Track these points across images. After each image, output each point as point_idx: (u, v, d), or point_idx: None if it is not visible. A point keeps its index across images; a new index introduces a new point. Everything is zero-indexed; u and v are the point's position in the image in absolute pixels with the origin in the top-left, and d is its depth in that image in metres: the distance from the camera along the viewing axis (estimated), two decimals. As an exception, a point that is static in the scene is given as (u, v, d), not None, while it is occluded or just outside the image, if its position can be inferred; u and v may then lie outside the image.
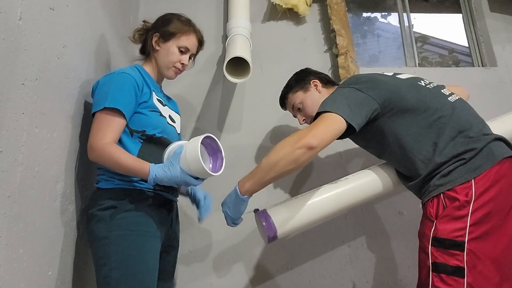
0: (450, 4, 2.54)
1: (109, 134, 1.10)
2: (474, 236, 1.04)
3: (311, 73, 1.54)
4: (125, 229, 1.10)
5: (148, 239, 1.13)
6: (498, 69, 2.19)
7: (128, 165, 1.08)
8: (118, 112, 1.13)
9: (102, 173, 1.17)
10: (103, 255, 1.08)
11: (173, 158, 1.07)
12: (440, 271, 1.05)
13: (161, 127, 1.24)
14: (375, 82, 1.24)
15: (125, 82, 1.16)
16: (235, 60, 1.65)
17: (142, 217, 1.13)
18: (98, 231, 1.11)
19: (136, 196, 1.15)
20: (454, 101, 1.24)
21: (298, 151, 1.11)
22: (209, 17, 2.15)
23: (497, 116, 1.47)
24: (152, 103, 1.23)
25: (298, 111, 1.53)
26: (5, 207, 0.84)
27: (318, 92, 1.48)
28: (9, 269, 0.85)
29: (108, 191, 1.14)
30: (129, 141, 1.17)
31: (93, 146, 1.10)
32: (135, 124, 1.18)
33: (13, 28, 0.87)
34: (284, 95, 1.57)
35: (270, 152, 1.16)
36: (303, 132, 1.15)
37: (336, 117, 1.15)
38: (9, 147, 0.85)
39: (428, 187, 1.16)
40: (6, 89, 0.84)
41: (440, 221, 1.09)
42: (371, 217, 1.89)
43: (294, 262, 1.82)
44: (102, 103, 1.12)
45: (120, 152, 1.10)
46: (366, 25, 2.58)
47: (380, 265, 1.82)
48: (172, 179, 1.06)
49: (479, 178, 1.08)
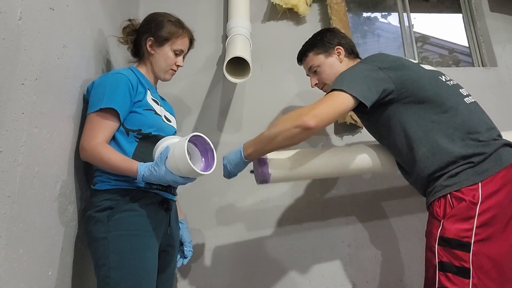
0: (450, 4, 2.54)
1: (100, 134, 1.12)
2: (480, 238, 1.05)
3: (337, 37, 1.46)
4: (123, 229, 1.10)
5: (146, 239, 1.13)
6: (498, 69, 2.19)
7: (117, 164, 1.09)
8: (113, 113, 1.14)
9: (100, 174, 1.18)
10: (101, 256, 1.09)
11: (159, 159, 1.07)
12: (446, 270, 1.06)
13: (157, 125, 1.24)
14: (399, 65, 1.24)
15: (119, 82, 1.17)
16: (235, 60, 1.65)
17: (139, 217, 1.14)
18: (96, 232, 1.11)
19: (133, 196, 1.15)
20: (470, 103, 1.24)
21: (295, 129, 1.14)
22: (209, 17, 2.15)
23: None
24: (146, 102, 1.24)
25: (314, 74, 1.47)
26: (5, 207, 0.84)
27: (339, 60, 1.42)
28: (9, 269, 0.85)
29: (105, 192, 1.15)
30: (125, 140, 1.18)
31: (84, 146, 1.11)
32: (130, 123, 1.19)
33: (13, 28, 0.87)
34: (305, 51, 1.48)
35: (274, 123, 1.20)
36: (306, 109, 1.16)
37: (347, 97, 1.16)
38: (9, 147, 0.85)
39: (435, 187, 1.16)
40: (6, 89, 0.84)
41: (448, 221, 1.09)
42: (371, 217, 1.89)
43: (294, 262, 1.82)
44: (98, 105, 1.13)
45: (109, 151, 1.11)
46: (366, 25, 2.58)
47: (380, 265, 1.82)
48: (159, 179, 1.06)
49: (485, 182, 1.09)
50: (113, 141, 1.17)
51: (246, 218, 1.86)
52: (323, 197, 1.91)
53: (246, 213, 1.86)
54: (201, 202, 1.85)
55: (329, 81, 1.38)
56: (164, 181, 1.07)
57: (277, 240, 1.83)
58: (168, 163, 1.04)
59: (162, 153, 1.07)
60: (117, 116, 1.15)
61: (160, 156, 1.07)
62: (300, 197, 1.90)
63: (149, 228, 1.14)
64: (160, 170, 1.05)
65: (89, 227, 1.14)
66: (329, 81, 1.38)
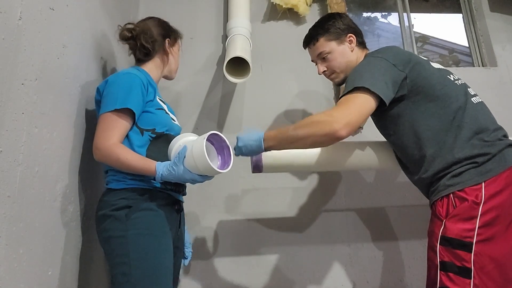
0: (450, 4, 2.54)
1: (115, 134, 1.12)
2: (482, 238, 1.05)
3: (350, 25, 1.40)
4: (142, 228, 1.11)
5: (163, 240, 1.14)
6: (498, 69, 2.19)
7: (135, 164, 1.10)
8: (127, 113, 1.15)
9: (114, 174, 1.18)
10: (120, 254, 1.09)
11: (177, 158, 1.08)
12: (448, 270, 1.06)
13: (168, 124, 1.27)
14: (412, 61, 1.22)
15: (133, 82, 1.18)
16: (235, 60, 1.65)
17: (157, 217, 1.15)
18: (114, 231, 1.11)
19: (150, 195, 1.17)
20: (477, 102, 1.23)
21: (324, 137, 1.11)
22: (209, 17, 2.14)
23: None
24: (156, 101, 1.27)
25: (323, 60, 1.39)
26: (5, 207, 0.84)
27: (350, 49, 1.37)
28: (9, 269, 0.85)
29: (121, 191, 1.15)
30: (138, 140, 1.19)
31: (99, 146, 1.11)
32: (144, 122, 1.20)
33: (13, 28, 0.87)
34: (315, 35, 1.38)
35: (303, 124, 1.15)
36: (338, 114, 1.11)
37: (371, 98, 1.14)
38: (9, 147, 0.85)
39: (438, 187, 1.16)
40: (6, 89, 0.84)
41: (450, 221, 1.09)
42: (371, 217, 1.89)
43: (294, 262, 1.82)
44: (112, 105, 1.13)
45: (126, 151, 1.12)
46: (366, 25, 2.58)
47: (380, 265, 1.82)
48: (178, 178, 1.09)
49: (489, 182, 1.09)
50: (126, 140, 1.18)
51: (246, 218, 1.86)
52: (323, 196, 1.91)
53: (246, 213, 1.86)
54: (202, 202, 1.85)
55: (339, 70, 1.36)
56: (183, 179, 1.09)
57: (277, 240, 1.83)
58: (186, 162, 1.06)
59: (180, 152, 1.08)
60: (132, 116, 1.16)
61: (178, 155, 1.08)
62: (300, 197, 1.90)
63: (166, 228, 1.16)
64: (179, 169, 1.07)
65: (105, 226, 1.13)
66: (339, 69, 1.36)
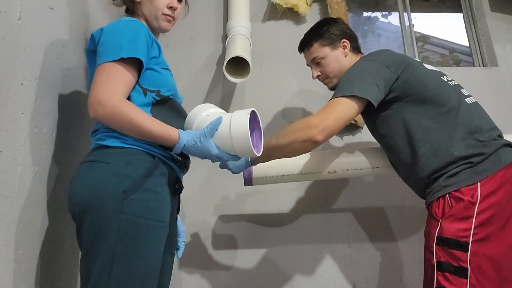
0: (451, 3, 2.53)
1: (120, 89, 0.91)
2: (478, 237, 1.05)
3: (343, 30, 1.42)
4: (139, 215, 0.89)
5: (159, 232, 0.95)
6: (498, 69, 2.19)
7: (151, 129, 0.91)
8: (134, 65, 0.95)
9: (111, 130, 0.95)
10: (102, 242, 0.86)
11: (207, 130, 0.92)
12: (444, 270, 1.06)
13: (174, 88, 1.08)
14: (404, 63, 1.24)
15: (139, 30, 0.99)
16: (235, 60, 1.65)
17: (158, 202, 0.95)
18: (103, 204, 0.87)
19: (153, 166, 0.96)
20: (471, 103, 1.24)
21: (304, 143, 1.17)
22: (209, 16, 2.14)
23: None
24: (163, 59, 1.07)
25: (317, 65, 1.41)
26: (5, 207, 0.84)
27: (344, 54, 1.39)
28: (9, 269, 0.85)
29: (121, 150, 0.93)
30: (140, 100, 0.98)
31: (103, 102, 0.88)
32: (148, 82, 1.00)
33: (12, 28, 0.87)
34: (310, 41, 1.41)
35: (282, 132, 1.20)
36: (316, 119, 1.17)
37: (357, 102, 1.18)
38: (9, 147, 0.85)
39: (434, 188, 1.16)
40: (6, 88, 0.84)
41: (446, 221, 1.09)
42: (371, 217, 1.89)
43: (294, 262, 1.81)
44: (117, 53, 0.92)
45: (140, 112, 0.91)
46: (367, 25, 2.58)
47: (380, 266, 1.82)
48: (202, 152, 0.93)
49: (484, 181, 1.09)
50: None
51: (247, 218, 1.86)
52: (323, 197, 1.91)
53: (246, 213, 1.86)
54: (201, 202, 1.85)
55: (332, 75, 1.38)
56: (207, 155, 0.94)
57: (277, 241, 1.83)
58: (218, 136, 0.93)
59: (212, 123, 0.93)
60: (138, 69, 0.97)
61: (209, 125, 0.93)
62: (300, 198, 1.90)
63: (165, 218, 0.96)
64: (207, 142, 0.92)
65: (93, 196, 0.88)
66: (332, 75, 1.38)
